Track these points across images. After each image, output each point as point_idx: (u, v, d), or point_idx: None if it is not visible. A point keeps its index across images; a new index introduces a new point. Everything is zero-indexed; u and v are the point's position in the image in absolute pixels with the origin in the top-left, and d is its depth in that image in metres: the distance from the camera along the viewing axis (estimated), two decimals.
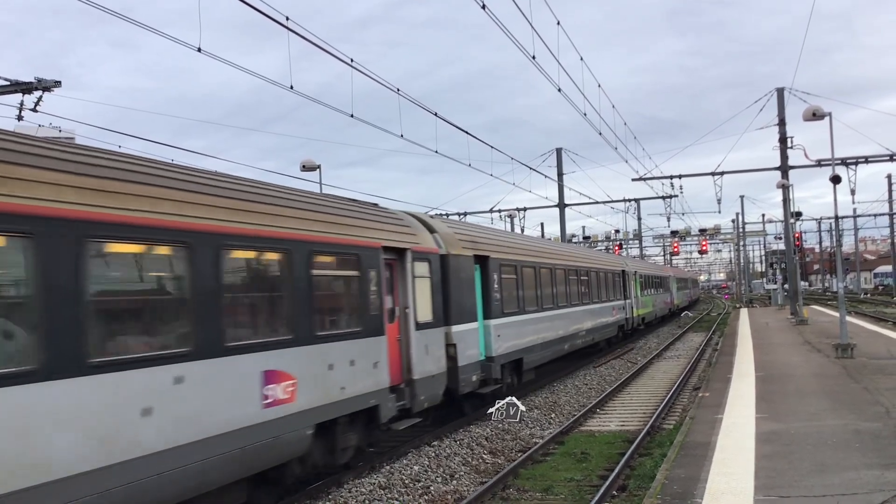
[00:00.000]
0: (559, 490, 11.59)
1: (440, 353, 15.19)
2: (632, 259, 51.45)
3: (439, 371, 15.04)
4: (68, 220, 7.17)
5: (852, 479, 9.19)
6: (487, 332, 17.81)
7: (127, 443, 7.52)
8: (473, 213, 53.30)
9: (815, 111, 23.95)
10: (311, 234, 10.98)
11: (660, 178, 44.08)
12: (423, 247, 15.00)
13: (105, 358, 7.42)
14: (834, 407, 14.11)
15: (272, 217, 10.27)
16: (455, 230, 17.37)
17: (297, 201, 11.32)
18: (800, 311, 39.79)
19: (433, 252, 15.41)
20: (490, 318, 17.90)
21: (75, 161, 7.71)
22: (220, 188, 9.66)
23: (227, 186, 9.88)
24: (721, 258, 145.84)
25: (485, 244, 18.39)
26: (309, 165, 29.61)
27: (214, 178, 9.87)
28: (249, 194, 10.19)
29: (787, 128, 40.12)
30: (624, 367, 27.68)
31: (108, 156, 8.48)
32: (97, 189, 7.65)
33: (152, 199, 8.29)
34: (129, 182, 8.15)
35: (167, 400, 8.05)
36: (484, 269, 17.94)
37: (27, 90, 17.92)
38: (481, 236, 18.91)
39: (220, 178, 10.10)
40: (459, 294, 16.30)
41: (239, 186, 10.19)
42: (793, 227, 43.99)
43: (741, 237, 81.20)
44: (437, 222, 16.91)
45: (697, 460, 10.56)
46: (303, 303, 10.63)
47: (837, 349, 22.30)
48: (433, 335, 14.94)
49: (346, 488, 11.68)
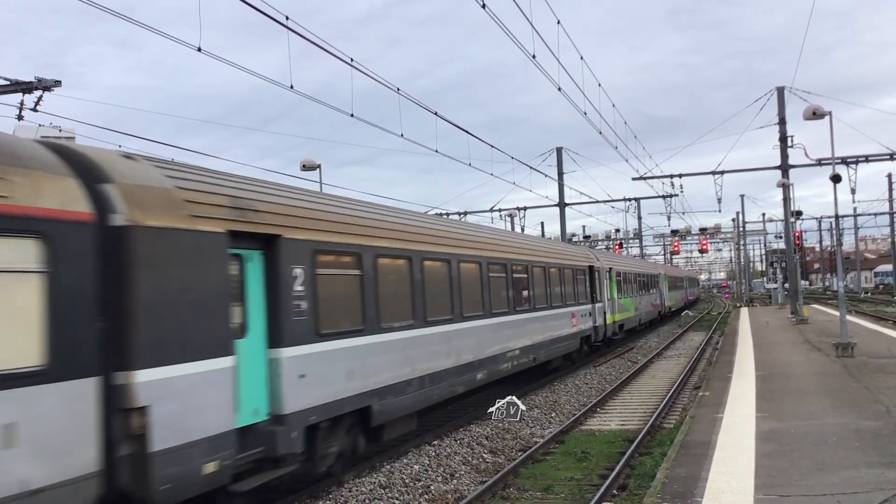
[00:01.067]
0: (559, 489, 11.59)
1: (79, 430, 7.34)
2: (605, 253, 42.87)
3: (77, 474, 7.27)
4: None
5: (853, 477, 9.19)
6: (275, 369, 10.14)
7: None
8: (474, 212, 53.32)
9: (816, 110, 23.95)
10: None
11: (660, 177, 44.11)
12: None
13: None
14: (834, 406, 14.10)
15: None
16: (173, 174, 9.17)
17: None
18: (800, 310, 39.80)
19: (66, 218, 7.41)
20: (283, 346, 10.25)
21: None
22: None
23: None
24: (721, 257, 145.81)
25: (271, 211, 10.40)
26: (309, 165, 29.60)
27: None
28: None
29: (787, 127, 40.16)
30: (624, 366, 27.68)
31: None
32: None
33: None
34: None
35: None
36: (271, 258, 10.28)
37: (27, 90, 17.94)
38: (263, 196, 10.56)
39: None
40: (169, 305, 8.39)
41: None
42: (793, 226, 44.00)
43: (741, 236, 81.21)
44: (107, 155, 8.71)
45: (698, 459, 10.56)
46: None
47: (838, 348, 22.30)
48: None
49: (346, 487, 11.68)
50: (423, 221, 16.14)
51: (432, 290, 14.85)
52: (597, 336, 29.24)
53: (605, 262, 32.73)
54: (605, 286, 31.34)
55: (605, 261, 32.97)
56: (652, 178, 43.61)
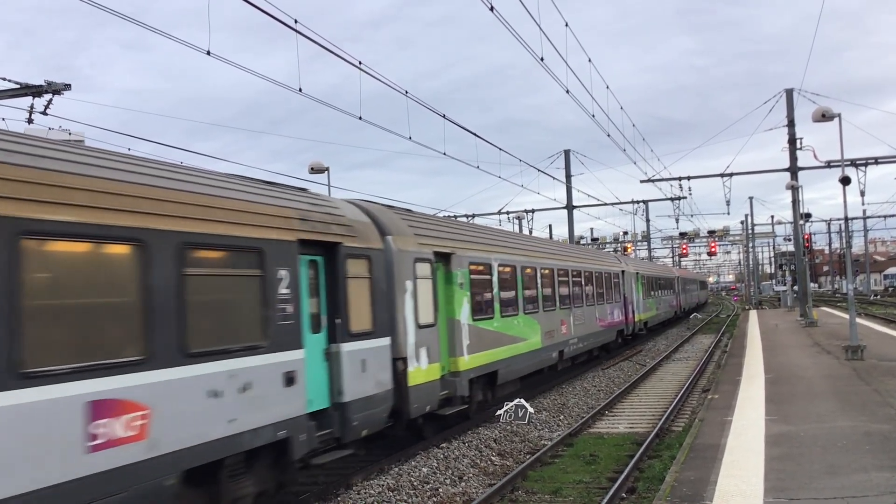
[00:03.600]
0: (568, 492, 11.58)
1: None
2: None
3: None
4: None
5: (862, 481, 9.15)
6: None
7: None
8: (482, 214, 53.44)
9: (825, 112, 23.87)
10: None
11: (668, 179, 44.00)
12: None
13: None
14: (844, 409, 14.05)
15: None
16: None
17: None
18: (809, 312, 39.64)
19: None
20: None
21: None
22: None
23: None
24: (730, 260, 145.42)
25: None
26: (317, 167, 29.66)
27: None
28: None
29: (796, 129, 40.00)
30: (632, 368, 27.63)
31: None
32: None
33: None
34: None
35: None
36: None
37: (37, 93, 17.99)
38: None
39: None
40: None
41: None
42: (802, 228, 43.85)
43: (750, 239, 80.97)
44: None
45: (707, 462, 10.54)
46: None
47: (847, 351, 22.21)
48: None
49: (354, 490, 11.69)
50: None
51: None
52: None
53: (633, 267, 37.69)
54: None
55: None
56: (660, 180, 43.53)
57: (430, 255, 14.84)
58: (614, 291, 31.93)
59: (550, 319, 22.21)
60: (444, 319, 15.56)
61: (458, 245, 16.52)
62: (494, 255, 18.35)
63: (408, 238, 14.16)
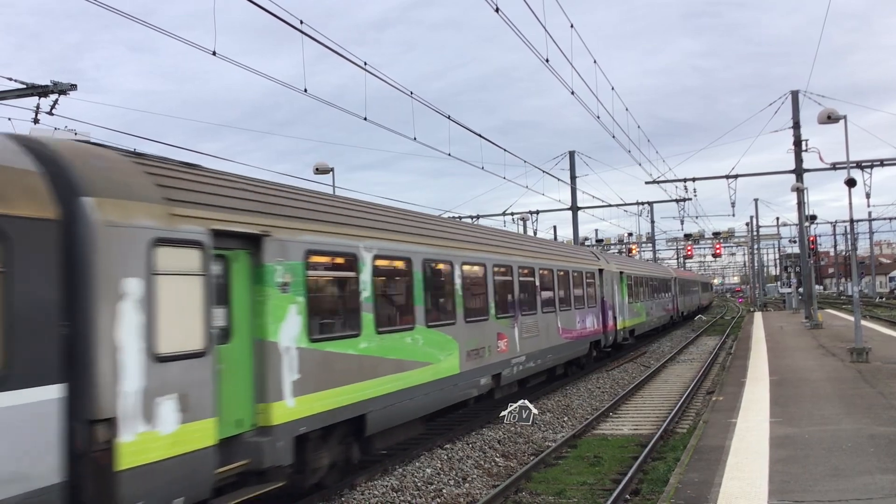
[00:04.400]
0: (572, 494, 11.58)
1: None
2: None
3: None
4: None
5: (867, 483, 9.14)
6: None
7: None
8: (486, 215, 53.32)
9: (830, 114, 23.83)
10: None
11: (673, 181, 44.00)
12: None
13: None
14: (849, 411, 14.03)
15: None
16: None
17: None
18: (814, 314, 39.58)
19: None
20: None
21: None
22: None
23: None
24: (735, 261, 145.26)
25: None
26: (322, 168, 29.68)
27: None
28: None
29: (801, 131, 40.00)
30: (637, 370, 27.60)
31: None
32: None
33: None
34: None
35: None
36: None
37: (43, 94, 18.04)
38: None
39: None
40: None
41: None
42: (807, 230, 43.79)
43: (755, 240, 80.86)
44: None
45: (711, 464, 10.53)
46: None
47: (852, 353, 22.17)
48: None
49: (358, 490, 11.71)
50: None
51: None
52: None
53: (615, 265, 31.90)
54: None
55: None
56: (665, 181, 43.55)
57: (203, 235, 9.01)
58: (588, 294, 26.18)
59: (478, 333, 16.46)
60: (247, 343, 9.81)
61: (282, 222, 10.53)
62: (366, 242, 12.54)
63: (140, 203, 8.36)
